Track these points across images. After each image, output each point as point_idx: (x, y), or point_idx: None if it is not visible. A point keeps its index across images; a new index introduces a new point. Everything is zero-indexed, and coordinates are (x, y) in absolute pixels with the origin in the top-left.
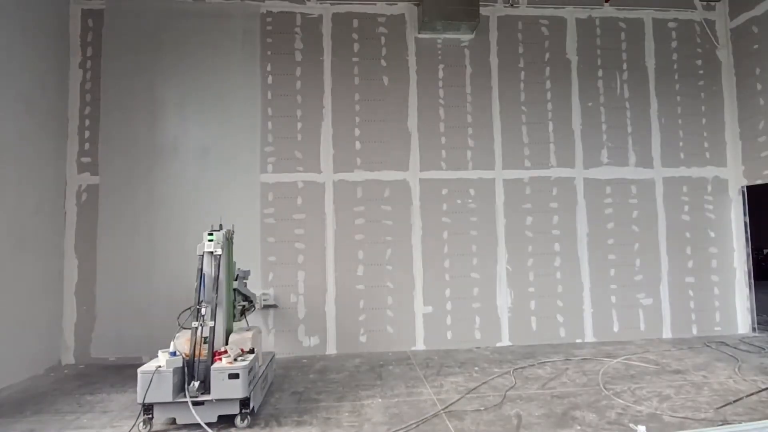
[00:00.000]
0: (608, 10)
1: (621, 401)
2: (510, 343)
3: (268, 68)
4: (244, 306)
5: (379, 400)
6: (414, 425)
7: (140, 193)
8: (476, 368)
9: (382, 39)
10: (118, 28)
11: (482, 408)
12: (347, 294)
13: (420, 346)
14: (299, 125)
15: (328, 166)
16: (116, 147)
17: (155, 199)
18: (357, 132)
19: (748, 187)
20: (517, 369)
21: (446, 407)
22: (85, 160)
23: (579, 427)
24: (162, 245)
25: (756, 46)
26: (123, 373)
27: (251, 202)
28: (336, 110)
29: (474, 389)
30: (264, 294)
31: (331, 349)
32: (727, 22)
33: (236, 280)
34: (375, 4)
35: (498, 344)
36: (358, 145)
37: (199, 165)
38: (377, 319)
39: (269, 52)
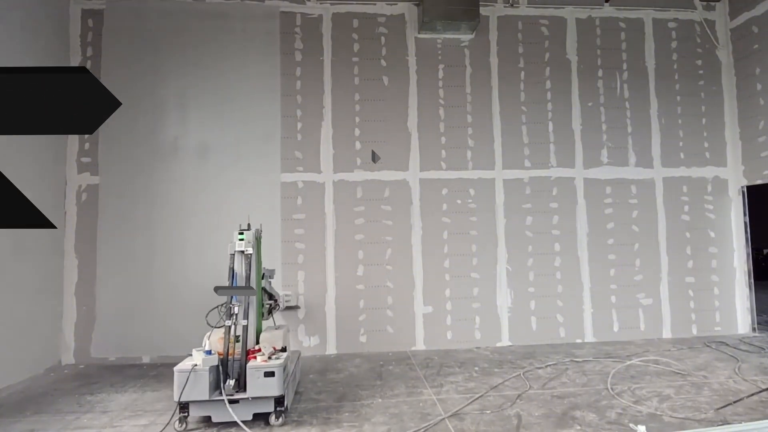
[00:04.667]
0: (608, 10)
1: (621, 401)
2: (510, 343)
3: None
4: (270, 305)
5: (379, 400)
6: (414, 427)
7: (140, 193)
8: (476, 368)
9: (382, 39)
10: (118, 28)
11: (482, 408)
12: (347, 294)
13: (420, 346)
14: (299, 125)
15: (328, 166)
16: (116, 147)
17: (155, 199)
18: (357, 132)
19: (748, 187)
20: (521, 369)
21: (448, 410)
22: (85, 160)
23: (579, 427)
24: (162, 245)
25: (756, 46)
26: (123, 373)
27: None
28: (336, 110)
29: (473, 389)
30: (286, 295)
31: (331, 349)
32: (727, 22)
33: (263, 278)
34: (375, 4)
35: (498, 344)
36: (358, 145)
37: (199, 165)
38: (377, 319)
39: None
